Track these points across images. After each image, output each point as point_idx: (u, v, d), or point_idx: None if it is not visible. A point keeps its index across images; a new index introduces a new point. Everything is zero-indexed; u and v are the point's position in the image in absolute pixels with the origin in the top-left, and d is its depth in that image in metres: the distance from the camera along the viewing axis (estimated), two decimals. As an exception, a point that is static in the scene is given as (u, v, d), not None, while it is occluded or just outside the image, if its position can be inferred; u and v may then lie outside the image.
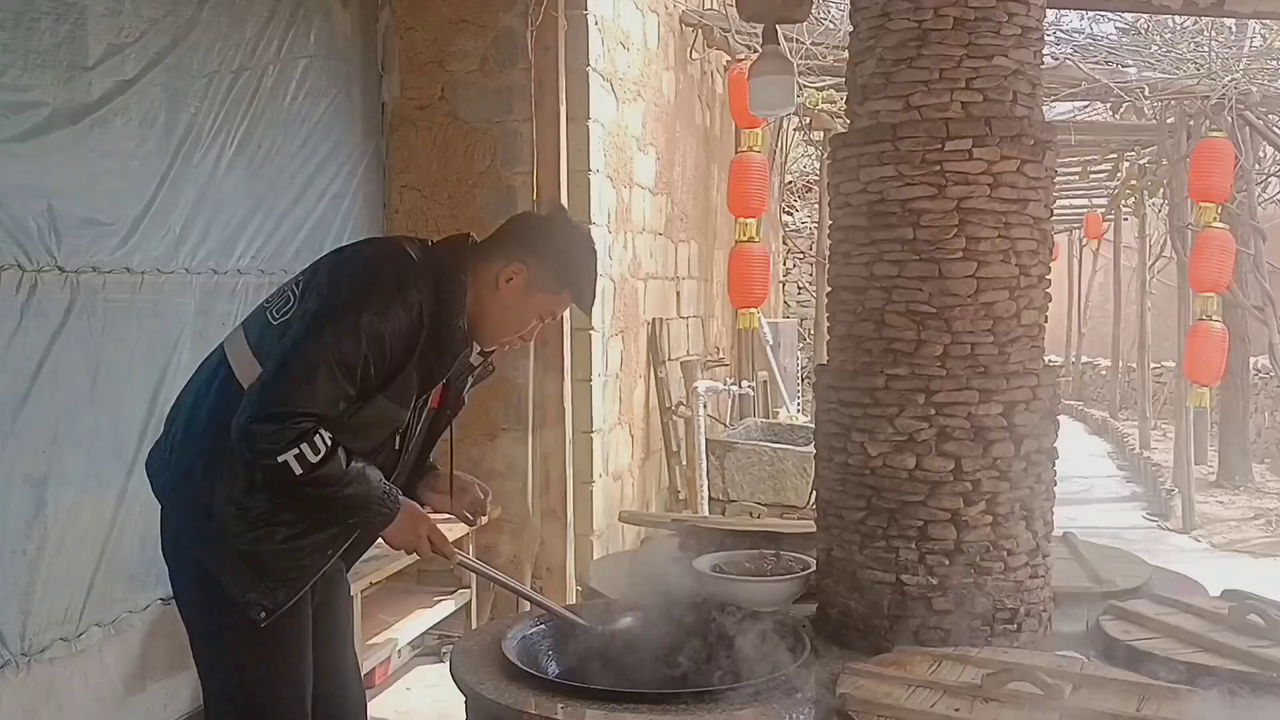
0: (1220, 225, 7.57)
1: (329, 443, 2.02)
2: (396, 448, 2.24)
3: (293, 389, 2.00)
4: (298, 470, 1.99)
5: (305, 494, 2.06)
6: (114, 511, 3.37)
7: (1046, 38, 2.34)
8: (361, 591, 3.74)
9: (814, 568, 2.46)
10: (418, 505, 2.25)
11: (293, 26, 4.22)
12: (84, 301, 3.24)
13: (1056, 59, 7.28)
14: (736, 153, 6.60)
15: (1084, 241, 15.90)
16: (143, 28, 3.45)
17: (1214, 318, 7.71)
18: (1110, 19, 8.78)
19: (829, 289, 2.37)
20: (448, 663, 2.17)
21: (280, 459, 1.98)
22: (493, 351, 2.35)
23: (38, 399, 3.09)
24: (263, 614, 2.13)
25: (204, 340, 3.68)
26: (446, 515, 2.50)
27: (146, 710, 3.57)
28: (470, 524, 2.50)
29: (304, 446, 1.99)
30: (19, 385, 3.04)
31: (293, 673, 2.22)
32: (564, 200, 4.48)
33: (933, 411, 2.11)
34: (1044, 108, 2.34)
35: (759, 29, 4.99)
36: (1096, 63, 7.79)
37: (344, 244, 2.55)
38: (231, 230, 3.90)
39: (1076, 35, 8.75)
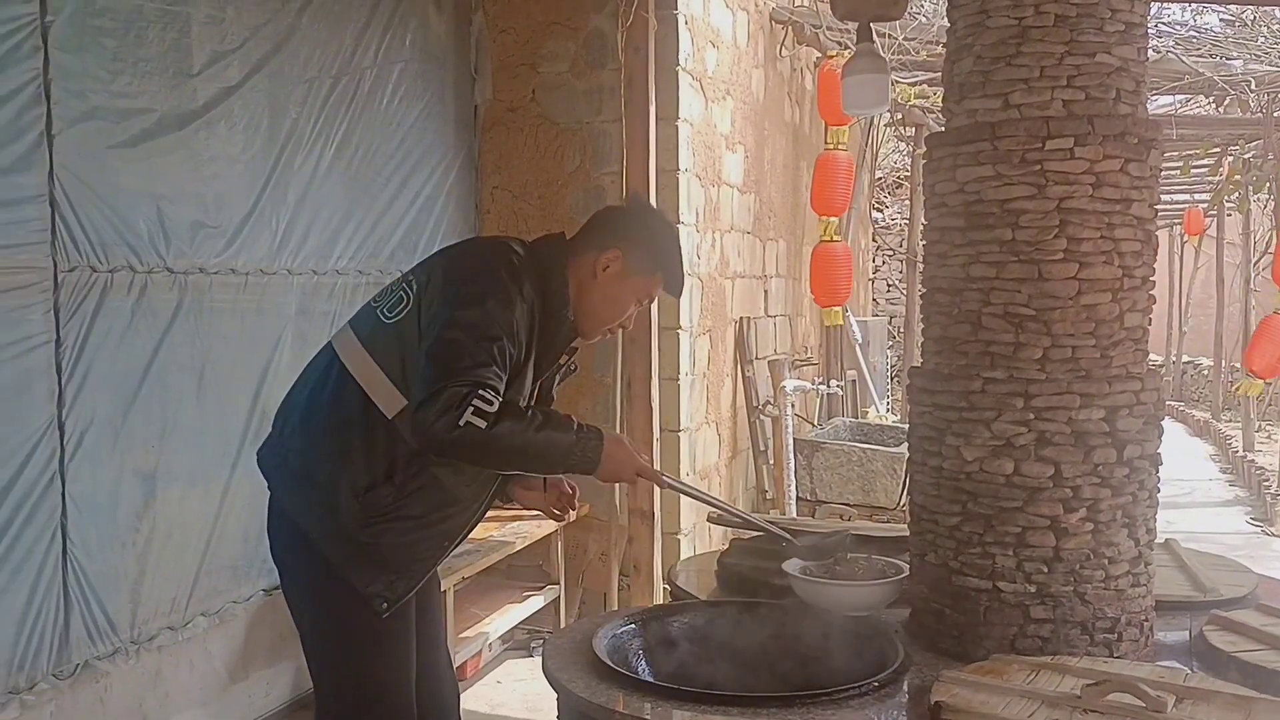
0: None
1: (497, 398, 2.01)
2: None
3: (443, 370, 2.01)
4: (481, 425, 1.96)
5: (504, 451, 2.03)
6: (219, 505, 3.48)
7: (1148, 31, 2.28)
8: (454, 586, 3.80)
9: (906, 572, 2.43)
10: (614, 432, 2.16)
11: (389, 31, 4.31)
12: (191, 301, 3.35)
13: (1158, 52, 7.07)
14: (823, 150, 6.55)
15: (1184, 238, 15.43)
16: (244, 35, 3.55)
17: None
18: (1215, 10, 8.49)
19: (923, 290, 2.33)
20: (537, 657, 2.20)
21: (462, 422, 1.96)
22: (576, 350, 2.39)
23: (147, 396, 3.20)
24: (385, 605, 2.20)
25: (304, 339, 3.78)
26: (535, 510, 2.58)
27: (248, 698, 3.67)
28: (559, 520, 2.57)
29: (476, 402, 1.97)
30: (130, 383, 3.16)
31: (404, 664, 2.29)
32: (653, 199, 4.49)
33: (1031, 416, 2.07)
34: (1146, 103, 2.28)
35: (850, 25, 4.94)
36: (1200, 55, 7.55)
37: (446, 244, 2.58)
38: (330, 232, 4.00)
39: (1179, 28, 8.48)
